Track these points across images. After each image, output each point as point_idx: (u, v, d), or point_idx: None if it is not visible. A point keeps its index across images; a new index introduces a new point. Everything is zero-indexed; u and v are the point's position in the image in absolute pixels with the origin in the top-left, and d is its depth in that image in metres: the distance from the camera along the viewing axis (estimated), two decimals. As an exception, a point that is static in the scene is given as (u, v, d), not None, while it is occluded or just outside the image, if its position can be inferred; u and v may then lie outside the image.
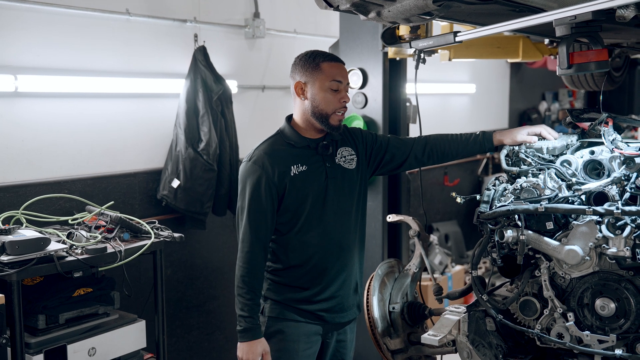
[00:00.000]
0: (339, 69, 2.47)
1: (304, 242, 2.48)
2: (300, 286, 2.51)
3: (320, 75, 2.44)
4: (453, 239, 6.51)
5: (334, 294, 2.53)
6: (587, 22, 2.11)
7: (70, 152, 3.43)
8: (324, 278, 2.51)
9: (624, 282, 2.15)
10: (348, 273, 2.56)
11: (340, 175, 2.53)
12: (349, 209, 2.55)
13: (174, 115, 3.83)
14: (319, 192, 2.47)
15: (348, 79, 2.52)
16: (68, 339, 2.76)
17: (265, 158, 2.43)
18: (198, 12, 4.00)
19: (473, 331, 2.45)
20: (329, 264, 2.51)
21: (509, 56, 4.09)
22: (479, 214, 2.37)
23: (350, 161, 2.57)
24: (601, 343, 2.15)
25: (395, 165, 2.68)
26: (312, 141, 2.51)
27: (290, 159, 2.45)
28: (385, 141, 2.67)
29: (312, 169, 2.48)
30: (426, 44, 2.70)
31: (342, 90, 2.46)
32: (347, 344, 2.69)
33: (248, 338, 2.39)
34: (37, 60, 3.25)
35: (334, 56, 2.51)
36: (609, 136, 2.40)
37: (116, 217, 3.01)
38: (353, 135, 2.64)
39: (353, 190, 2.56)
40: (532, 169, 2.47)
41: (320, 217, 2.48)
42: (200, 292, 4.18)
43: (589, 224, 2.17)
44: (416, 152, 2.66)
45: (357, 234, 2.60)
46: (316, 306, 2.52)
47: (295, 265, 2.50)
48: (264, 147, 2.48)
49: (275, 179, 2.42)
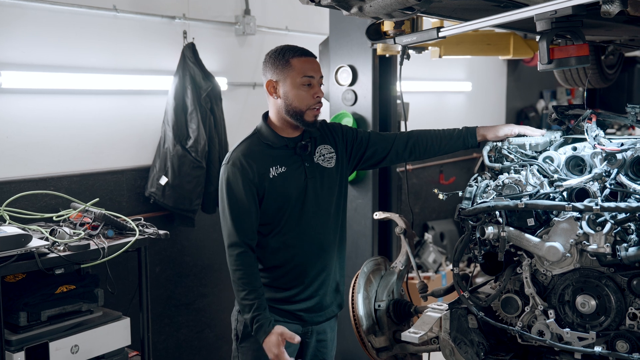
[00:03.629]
0: (310, 64, 2.43)
1: (284, 243, 2.46)
2: (280, 286, 2.49)
3: (291, 71, 2.39)
4: (448, 237, 6.49)
5: (313, 293, 2.52)
6: (568, 17, 2.09)
7: (56, 149, 3.42)
8: (304, 278, 2.49)
9: (605, 279, 2.13)
10: (328, 272, 2.54)
11: (319, 174, 2.49)
12: (329, 208, 2.52)
13: (162, 112, 3.81)
14: (298, 193, 2.44)
15: (321, 73, 2.46)
16: (50, 336, 2.74)
17: (242, 159, 2.40)
18: (187, 9, 3.98)
19: (455, 329, 2.44)
20: (310, 264, 2.49)
21: (499, 53, 4.07)
22: (460, 210, 2.35)
23: (330, 159, 2.53)
24: (581, 340, 2.13)
25: (375, 160, 2.65)
26: (290, 140, 2.48)
27: (268, 161, 2.42)
28: (366, 137, 2.63)
29: (291, 170, 2.44)
30: (410, 39, 2.68)
31: (315, 85, 2.42)
32: (327, 344, 2.66)
33: (264, 334, 2.36)
34: (22, 56, 3.24)
35: (304, 50, 2.47)
36: (592, 132, 2.38)
37: (100, 214, 3.00)
38: (333, 131, 2.60)
39: (332, 189, 2.53)
40: (514, 165, 2.45)
41: (300, 218, 2.45)
42: (189, 290, 4.17)
43: (569, 221, 2.15)
44: (397, 148, 2.63)
45: (337, 233, 2.57)
46: (295, 306, 2.50)
47: (275, 265, 2.48)
48: (242, 148, 2.44)
49: (256, 180, 2.39)
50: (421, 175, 6.21)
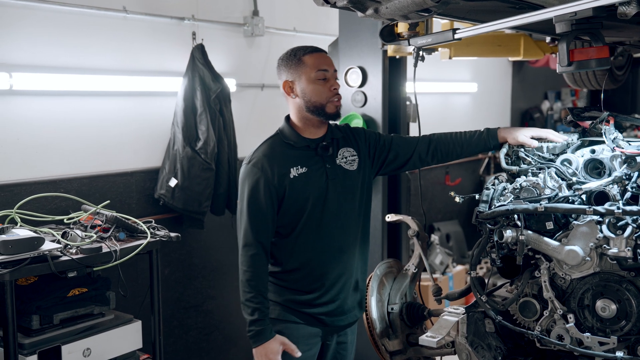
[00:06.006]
0: (322, 58, 2.45)
1: (303, 245, 2.45)
2: (300, 289, 2.48)
3: (304, 68, 2.42)
4: (454, 238, 6.47)
5: (334, 297, 2.50)
6: (588, 19, 2.08)
7: (66, 151, 3.41)
8: (324, 281, 2.48)
9: (625, 283, 2.11)
10: (348, 276, 2.53)
11: (341, 176, 2.48)
12: (350, 211, 2.51)
13: (171, 114, 3.80)
14: (319, 195, 2.43)
15: (334, 67, 2.48)
16: (62, 339, 2.72)
17: (264, 160, 2.40)
18: (196, 10, 3.96)
19: (472, 333, 2.42)
20: (329, 267, 2.48)
21: (510, 54, 4.05)
22: (477, 213, 2.34)
23: (352, 162, 2.53)
24: (602, 345, 2.11)
25: (398, 164, 2.64)
26: (312, 141, 2.48)
27: (289, 161, 2.42)
28: (388, 140, 2.63)
29: (312, 171, 2.44)
30: (425, 41, 2.67)
31: (330, 78, 2.44)
32: (347, 346, 2.66)
33: (262, 341, 2.35)
34: (32, 58, 3.22)
35: (314, 47, 2.49)
36: (610, 135, 2.36)
37: (112, 217, 2.98)
38: (356, 135, 2.60)
39: (354, 191, 2.52)
40: (531, 168, 2.44)
41: (320, 220, 2.44)
42: (198, 292, 4.15)
43: (589, 224, 2.14)
44: (420, 152, 2.62)
45: (359, 236, 2.56)
46: (317, 309, 2.49)
47: (294, 268, 2.48)
48: (263, 148, 2.45)
49: (275, 181, 2.38)
50: (427, 177, 6.19)
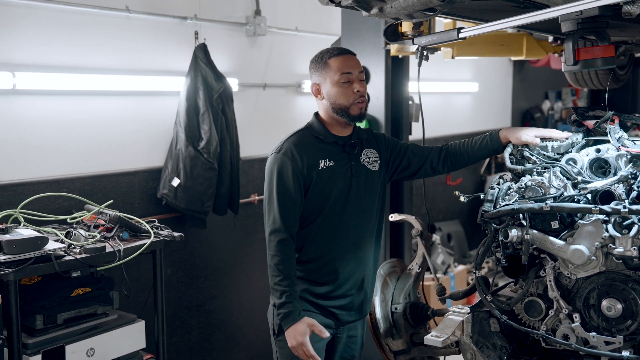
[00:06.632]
0: (347, 61, 2.50)
1: (321, 237, 2.51)
2: (315, 280, 2.53)
3: (329, 72, 2.48)
4: (455, 238, 6.47)
5: (347, 292, 2.55)
6: (594, 18, 2.08)
7: (69, 150, 3.40)
8: (337, 274, 2.53)
9: (631, 283, 2.11)
10: (361, 273, 2.58)
11: (364, 175, 2.56)
12: (370, 209, 2.58)
13: (174, 113, 3.79)
14: (342, 189, 2.50)
15: (360, 68, 2.52)
16: (66, 339, 2.72)
17: (294, 149, 2.47)
18: (199, 9, 3.96)
19: (477, 332, 2.42)
20: (343, 261, 2.53)
21: (512, 54, 4.05)
22: (483, 213, 2.34)
23: (374, 163, 2.61)
24: (608, 344, 2.11)
25: (411, 172, 2.72)
26: (340, 138, 2.55)
27: (318, 153, 2.49)
28: (404, 147, 2.71)
29: (339, 165, 2.51)
30: (429, 40, 2.67)
31: (354, 81, 2.48)
32: (357, 340, 2.70)
33: (291, 322, 2.39)
34: (35, 57, 3.22)
35: (342, 50, 2.54)
36: (615, 134, 2.36)
37: (115, 216, 2.98)
38: (377, 138, 2.69)
39: (375, 191, 2.59)
40: (536, 168, 2.43)
41: (341, 214, 2.51)
42: (200, 292, 4.15)
43: (595, 223, 2.13)
44: (432, 160, 2.69)
45: (374, 235, 2.62)
46: (330, 302, 2.53)
47: (310, 259, 2.53)
48: (293, 139, 2.52)
49: (304, 171, 2.45)
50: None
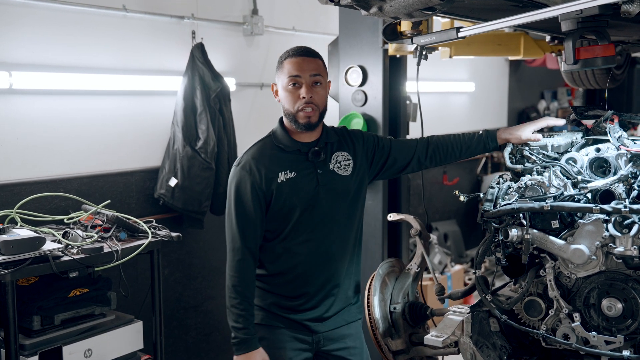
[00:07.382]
0: (298, 63, 2.32)
1: (289, 250, 2.38)
2: (284, 294, 2.41)
3: (281, 74, 2.35)
4: (452, 238, 6.48)
5: (318, 303, 2.42)
6: (594, 17, 2.07)
7: (66, 150, 3.38)
8: (308, 288, 2.40)
9: (631, 282, 2.10)
10: (335, 283, 2.43)
11: (332, 182, 2.39)
12: (342, 217, 2.42)
13: (171, 113, 3.78)
14: (308, 200, 2.35)
15: (315, 71, 2.32)
16: (64, 340, 2.71)
17: (252, 163, 2.33)
18: (196, 9, 3.95)
19: (477, 332, 2.41)
20: (315, 273, 2.40)
21: (510, 53, 4.05)
22: (483, 212, 2.33)
23: (346, 167, 2.43)
24: (608, 344, 2.11)
25: (397, 169, 2.56)
26: (304, 145, 2.39)
27: (278, 164, 2.34)
28: (387, 144, 2.54)
29: (302, 176, 2.35)
30: (428, 39, 2.65)
31: (302, 85, 2.31)
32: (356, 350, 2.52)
33: (245, 350, 2.30)
34: (32, 56, 3.20)
35: (299, 50, 2.37)
36: (615, 133, 2.36)
37: (113, 216, 2.96)
38: (353, 138, 2.51)
39: (346, 197, 2.42)
40: (536, 167, 2.43)
41: (308, 225, 2.36)
42: (198, 292, 4.14)
43: (595, 223, 2.13)
44: (419, 155, 2.55)
45: (349, 243, 2.46)
46: (301, 315, 2.41)
47: (279, 272, 2.40)
48: (253, 151, 2.38)
49: (263, 185, 2.32)
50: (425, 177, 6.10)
